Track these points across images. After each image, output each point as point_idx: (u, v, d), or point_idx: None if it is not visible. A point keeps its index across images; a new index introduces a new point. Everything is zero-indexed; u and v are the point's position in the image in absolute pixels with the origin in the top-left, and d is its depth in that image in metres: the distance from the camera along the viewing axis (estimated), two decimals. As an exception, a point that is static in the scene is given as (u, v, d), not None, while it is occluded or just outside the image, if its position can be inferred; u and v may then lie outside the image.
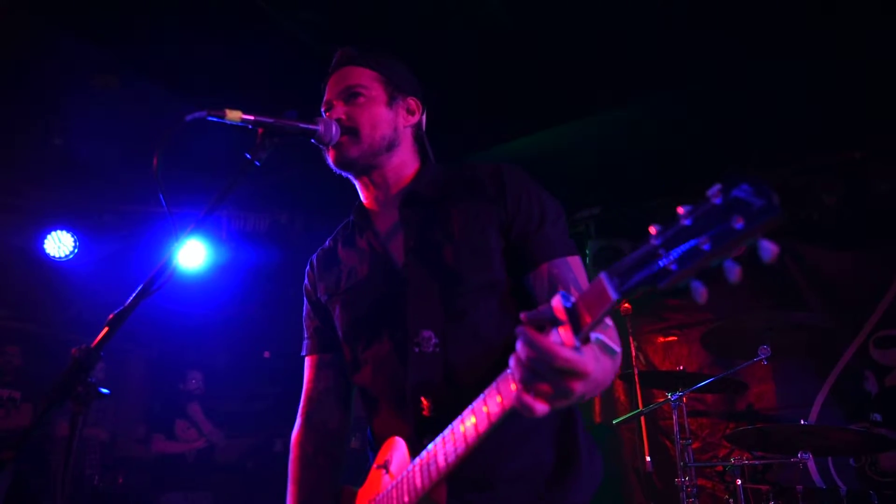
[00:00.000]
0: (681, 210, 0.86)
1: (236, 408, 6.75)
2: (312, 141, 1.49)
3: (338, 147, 1.51)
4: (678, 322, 5.27)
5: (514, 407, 0.99)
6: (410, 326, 1.38)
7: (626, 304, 4.44)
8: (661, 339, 5.34)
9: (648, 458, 4.16)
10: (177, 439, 5.18)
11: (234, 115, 1.30)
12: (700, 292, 0.83)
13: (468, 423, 1.09)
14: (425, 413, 1.33)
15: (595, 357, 1.01)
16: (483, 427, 1.06)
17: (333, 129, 1.49)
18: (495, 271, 1.39)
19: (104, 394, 1.17)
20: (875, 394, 4.46)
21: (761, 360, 3.37)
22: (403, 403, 1.38)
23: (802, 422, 3.35)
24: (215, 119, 1.28)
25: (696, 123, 4.34)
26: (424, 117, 1.65)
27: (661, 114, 4.23)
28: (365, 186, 1.62)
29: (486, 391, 1.07)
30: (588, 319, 0.91)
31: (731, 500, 3.55)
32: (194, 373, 5.40)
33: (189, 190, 3.15)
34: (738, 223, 0.80)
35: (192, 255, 5.04)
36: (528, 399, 0.96)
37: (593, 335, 0.93)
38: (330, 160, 1.55)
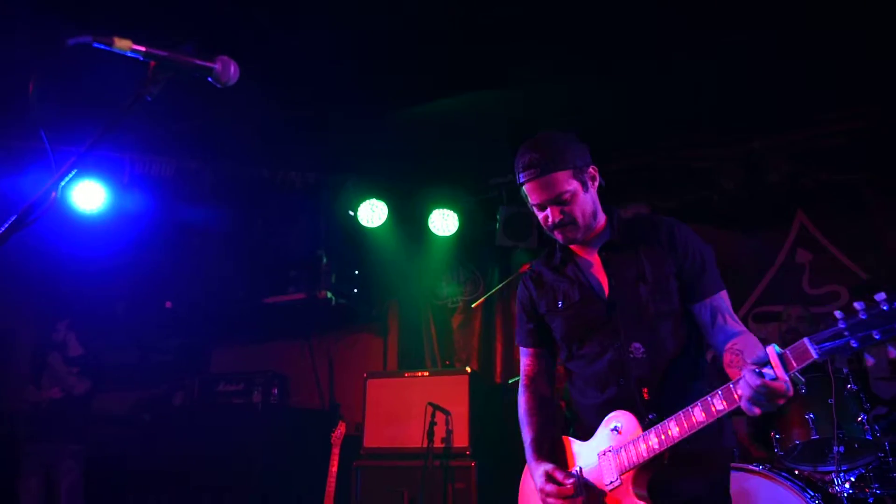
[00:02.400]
0: (857, 306, 1.46)
1: (134, 358, 6.55)
2: (209, 80, 1.44)
3: (564, 235, 2.05)
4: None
5: (737, 407, 1.64)
6: (624, 339, 1.98)
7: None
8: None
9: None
10: (42, 389, 4.99)
11: (122, 44, 1.23)
12: (872, 361, 1.74)
13: (696, 412, 1.73)
14: (646, 397, 1.93)
15: (790, 384, 1.58)
16: (707, 417, 1.71)
17: (232, 69, 1.45)
18: (674, 303, 1.99)
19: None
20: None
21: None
22: (628, 390, 1.96)
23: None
24: (102, 46, 1.21)
25: (611, 101, 4.47)
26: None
27: (574, 89, 4.33)
28: None
29: (712, 395, 1.71)
30: (794, 365, 1.54)
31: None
32: (61, 323, 5.17)
33: (89, 128, 2.97)
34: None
35: (90, 196, 4.80)
36: (751, 408, 1.59)
37: (794, 372, 1.55)
38: (560, 240, 2.09)
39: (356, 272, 5.90)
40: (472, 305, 5.44)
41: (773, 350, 1.57)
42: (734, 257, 5.13)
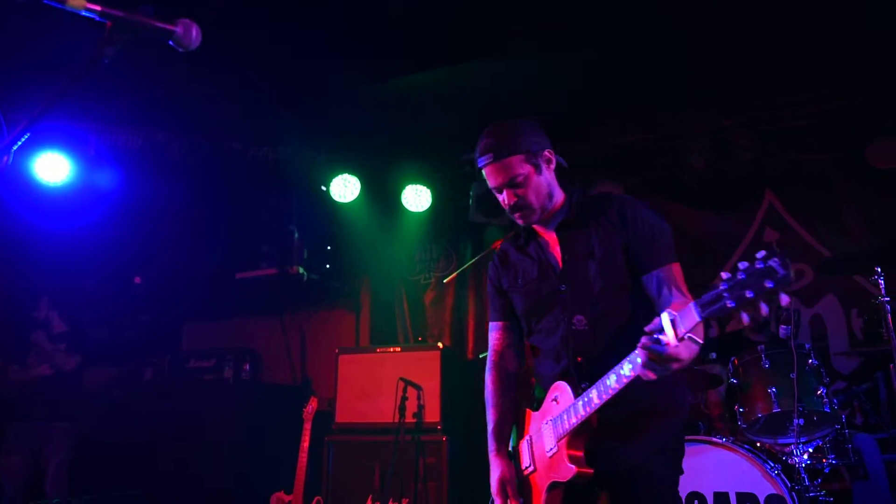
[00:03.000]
0: (739, 265, 1.51)
1: (104, 335, 6.45)
2: (171, 43, 1.40)
3: (522, 218, 2.14)
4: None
5: (638, 374, 1.73)
6: (570, 313, 2.06)
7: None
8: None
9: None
10: (27, 368, 4.92)
11: (76, 2, 1.19)
12: (746, 318, 1.55)
13: (610, 378, 1.82)
14: (582, 368, 2.02)
15: (686, 347, 1.68)
16: (618, 384, 1.79)
17: (194, 32, 1.41)
18: (622, 277, 2.05)
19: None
20: (713, 337, 4.94)
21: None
22: (566, 360, 2.06)
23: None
24: (53, 4, 1.17)
25: (582, 78, 4.46)
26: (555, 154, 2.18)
27: (543, 66, 4.31)
28: None
29: (623, 362, 1.78)
30: (682, 329, 1.61)
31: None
32: (42, 299, 5.08)
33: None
34: (769, 283, 1.47)
35: (54, 168, 4.68)
36: (645, 372, 1.69)
37: (686, 336, 1.62)
38: (519, 222, 2.18)
39: (328, 248, 5.87)
40: (445, 281, 5.45)
41: (665, 316, 1.63)
42: (704, 236, 5.20)
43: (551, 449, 1.99)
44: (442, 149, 5.35)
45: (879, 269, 3.37)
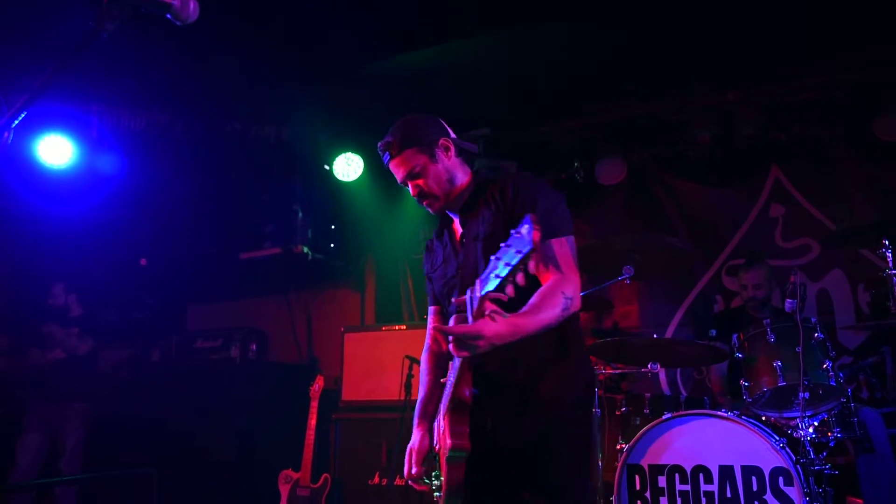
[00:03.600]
0: (511, 232, 1.56)
1: (111, 317, 6.49)
2: (168, 17, 1.39)
3: (429, 206, 2.22)
4: (557, 245, 5.51)
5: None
6: (458, 295, 2.06)
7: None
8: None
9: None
10: (46, 351, 4.99)
11: (72, -25, 1.18)
12: (518, 280, 1.58)
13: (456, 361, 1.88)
14: None
15: (488, 323, 1.71)
16: (456, 361, 1.86)
17: (191, 6, 1.40)
18: None
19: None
20: (715, 313, 4.94)
21: (625, 279, 3.58)
22: None
23: (655, 336, 3.65)
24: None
25: (584, 53, 4.41)
26: (453, 137, 2.23)
27: (552, 40, 4.26)
28: None
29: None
30: (475, 305, 1.69)
31: (587, 407, 3.86)
32: (58, 286, 5.12)
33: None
34: (528, 247, 1.51)
35: (57, 151, 4.67)
36: (457, 350, 1.74)
37: (487, 311, 1.69)
38: (430, 210, 2.25)
39: (332, 227, 5.86)
40: (450, 260, 5.44)
41: (466, 295, 1.73)
42: (709, 211, 5.17)
43: (441, 425, 2.02)
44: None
45: (887, 242, 3.34)
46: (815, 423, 3.31)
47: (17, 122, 1.21)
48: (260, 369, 5.69)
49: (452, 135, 2.26)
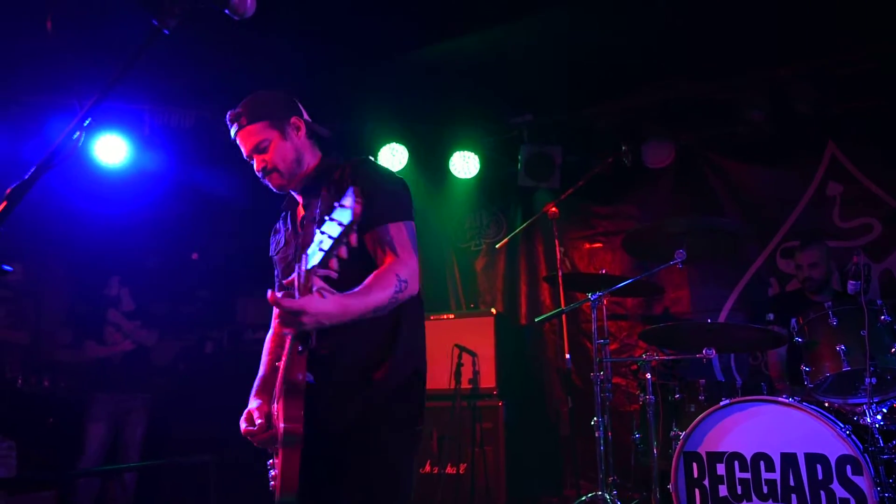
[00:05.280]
0: (335, 205, 1.58)
1: (166, 310, 6.67)
2: (226, 12, 1.41)
3: (271, 182, 2.16)
4: (604, 229, 5.44)
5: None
6: (298, 271, 1.98)
7: (554, 209, 4.52)
8: (588, 246, 5.52)
9: (568, 356, 4.36)
10: (105, 344, 5.15)
11: (137, -26, 1.20)
12: (341, 253, 1.60)
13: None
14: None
15: (315, 300, 1.66)
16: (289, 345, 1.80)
17: (248, 0, 1.41)
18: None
19: (6, 270, 1.13)
20: (771, 296, 4.80)
21: (676, 263, 3.50)
22: None
23: (709, 321, 3.57)
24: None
25: (628, 35, 4.32)
26: (306, 118, 2.19)
27: (593, 24, 4.18)
28: None
29: None
30: (302, 280, 1.66)
31: (641, 395, 3.81)
32: (114, 279, 5.28)
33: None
34: (349, 218, 1.56)
35: (112, 150, 4.80)
36: (281, 326, 1.76)
37: (314, 288, 1.66)
38: (272, 188, 2.18)
39: (378, 218, 5.88)
40: (497, 247, 5.43)
41: (293, 273, 1.72)
42: (762, 192, 5.02)
43: (276, 409, 1.96)
44: (489, 114, 5.28)
45: (956, 219, 3.19)
46: (884, 410, 3.20)
47: (87, 122, 1.24)
48: (310, 359, 5.75)
49: (306, 116, 2.21)
